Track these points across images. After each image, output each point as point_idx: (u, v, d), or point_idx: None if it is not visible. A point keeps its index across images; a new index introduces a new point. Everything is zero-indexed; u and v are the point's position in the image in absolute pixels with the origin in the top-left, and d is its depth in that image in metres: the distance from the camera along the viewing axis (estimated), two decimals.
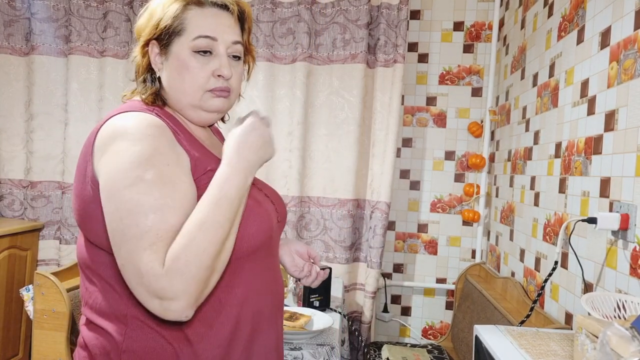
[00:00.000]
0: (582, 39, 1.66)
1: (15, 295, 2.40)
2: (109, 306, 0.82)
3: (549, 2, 2.00)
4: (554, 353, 1.08)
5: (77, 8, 2.61)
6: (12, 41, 2.64)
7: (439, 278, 2.88)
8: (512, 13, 2.55)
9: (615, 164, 1.39)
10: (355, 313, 2.64)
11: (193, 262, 0.72)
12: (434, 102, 2.86)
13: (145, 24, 0.92)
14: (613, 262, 1.37)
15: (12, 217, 2.66)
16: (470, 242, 2.85)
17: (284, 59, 2.60)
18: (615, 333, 0.83)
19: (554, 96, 1.88)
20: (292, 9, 2.58)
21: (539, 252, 1.94)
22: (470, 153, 2.83)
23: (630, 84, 1.33)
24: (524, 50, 2.29)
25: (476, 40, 2.82)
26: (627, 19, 1.37)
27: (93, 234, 0.83)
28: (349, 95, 2.55)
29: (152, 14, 0.91)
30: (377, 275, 2.55)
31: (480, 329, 1.24)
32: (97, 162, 0.80)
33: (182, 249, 0.72)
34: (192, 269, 0.72)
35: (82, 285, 0.89)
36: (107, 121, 0.83)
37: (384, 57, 2.54)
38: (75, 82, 2.61)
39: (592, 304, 1.13)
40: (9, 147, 2.65)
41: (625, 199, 1.33)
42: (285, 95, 2.59)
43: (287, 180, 2.59)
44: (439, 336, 2.88)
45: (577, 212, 1.61)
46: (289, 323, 1.59)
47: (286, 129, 2.59)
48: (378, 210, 2.54)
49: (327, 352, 1.50)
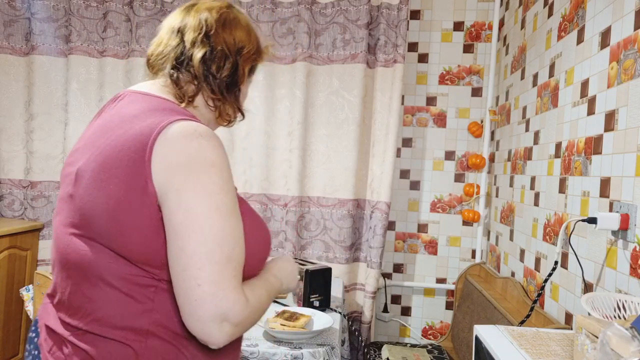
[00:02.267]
0: (582, 39, 1.66)
1: (15, 295, 2.40)
2: (128, 318, 0.80)
3: (549, 2, 2.00)
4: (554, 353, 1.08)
5: (77, 8, 2.61)
6: (12, 41, 2.64)
7: (439, 278, 2.88)
8: (512, 13, 2.55)
9: (615, 164, 1.39)
10: (355, 313, 2.64)
11: (255, 317, 0.84)
12: (434, 102, 2.86)
13: (246, 38, 1.00)
14: (613, 262, 1.37)
15: (12, 217, 2.66)
16: (470, 242, 2.85)
17: (284, 59, 2.60)
18: (615, 333, 0.83)
19: (554, 96, 1.88)
20: (292, 9, 2.58)
21: (539, 252, 1.94)
22: (470, 153, 2.83)
23: (630, 84, 1.33)
24: (524, 50, 2.29)
25: (476, 40, 2.82)
26: (627, 19, 1.37)
27: (126, 245, 0.79)
28: (349, 95, 2.55)
29: (250, 32, 1.02)
30: (377, 275, 2.55)
31: (480, 329, 1.24)
32: (163, 174, 0.78)
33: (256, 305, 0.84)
34: (253, 319, 0.84)
35: (80, 294, 0.82)
36: (164, 129, 0.80)
37: (384, 57, 2.54)
38: (75, 82, 2.62)
39: (592, 304, 1.13)
40: (9, 147, 2.65)
41: (625, 199, 1.33)
42: (285, 95, 2.59)
43: (287, 180, 2.59)
44: (439, 336, 2.88)
45: (577, 212, 1.61)
46: (289, 323, 1.59)
47: (286, 129, 2.59)
48: (378, 210, 2.54)
49: (327, 352, 1.50)
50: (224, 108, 0.98)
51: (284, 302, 1.94)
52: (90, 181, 0.81)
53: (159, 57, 0.96)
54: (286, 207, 2.58)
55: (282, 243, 2.61)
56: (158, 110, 0.85)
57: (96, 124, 0.90)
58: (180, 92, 0.93)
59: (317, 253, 2.61)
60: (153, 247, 0.79)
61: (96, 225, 0.80)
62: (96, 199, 0.80)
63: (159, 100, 0.89)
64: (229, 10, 0.99)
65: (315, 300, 1.88)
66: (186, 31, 0.94)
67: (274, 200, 2.62)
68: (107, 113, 0.91)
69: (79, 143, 0.92)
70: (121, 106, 0.89)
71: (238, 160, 2.63)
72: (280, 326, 1.57)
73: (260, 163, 2.61)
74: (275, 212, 2.63)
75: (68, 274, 0.84)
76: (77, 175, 0.83)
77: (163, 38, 0.97)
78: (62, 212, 0.87)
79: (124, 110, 0.87)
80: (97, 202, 0.79)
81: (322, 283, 1.89)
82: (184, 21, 0.96)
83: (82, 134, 0.95)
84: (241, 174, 2.63)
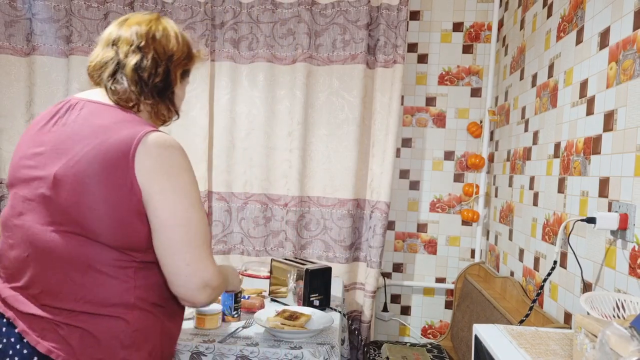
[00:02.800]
0: (581, 39, 1.67)
1: None
2: (116, 296, 0.97)
3: (548, 2, 2.00)
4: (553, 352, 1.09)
5: (78, 9, 2.61)
6: (13, 41, 2.64)
7: (439, 277, 2.89)
8: (512, 14, 2.56)
9: (614, 164, 1.40)
10: (355, 312, 2.65)
11: (222, 285, 1.12)
12: (433, 103, 2.87)
13: (176, 46, 1.11)
14: (612, 262, 1.38)
15: None
16: (469, 241, 2.86)
17: (284, 59, 2.61)
18: (615, 332, 0.84)
19: (553, 96, 1.89)
20: (292, 9, 2.58)
21: (538, 252, 1.95)
22: (470, 153, 2.84)
23: (630, 84, 1.34)
24: (523, 50, 2.29)
25: (475, 41, 2.83)
26: (626, 20, 1.38)
27: (115, 237, 0.95)
28: (348, 95, 2.56)
29: (179, 40, 1.12)
30: (376, 275, 2.56)
31: (479, 328, 1.25)
32: (146, 177, 0.95)
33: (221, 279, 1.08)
34: (223, 286, 1.12)
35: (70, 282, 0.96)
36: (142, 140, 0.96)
37: (384, 58, 2.55)
38: (76, 82, 2.62)
39: (591, 304, 1.14)
40: (10, 147, 2.65)
41: (624, 199, 1.34)
42: (285, 95, 2.60)
43: (287, 180, 2.59)
44: (438, 335, 2.89)
45: (576, 211, 1.62)
46: (289, 322, 1.59)
47: (286, 129, 2.59)
48: (378, 210, 2.54)
49: (327, 351, 1.51)
50: (158, 109, 1.10)
51: (284, 302, 1.95)
52: (75, 185, 0.94)
53: (96, 68, 1.07)
54: (286, 207, 2.58)
55: (282, 243, 2.62)
56: (127, 122, 0.99)
57: (60, 131, 1.00)
58: (122, 100, 1.04)
59: (317, 252, 2.62)
60: (138, 236, 0.97)
61: (84, 223, 0.94)
62: (82, 201, 0.94)
63: (122, 112, 1.02)
64: (158, 21, 1.11)
65: (315, 300, 1.89)
66: (120, 44, 1.06)
67: (274, 200, 2.63)
68: (71, 121, 1.00)
69: (37, 147, 1.01)
70: (85, 116, 1.00)
71: (238, 160, 2.63)
72: (281, 325, 1.58)
73: (260, 163, 2.62)
74: (276, 212, 2.63)
75: (52, 266, 0.96)
76: (56, 179, 0.95)
77: (99, 51, 1.09)
78: (35, 212, 0.98)
79: (93, 120, 0.99)
80: (84, 203, 0.94)
81: (322, 282, 1.90)
82: (117, 34, 1.08)
83: (32, 138, 1.04)
84: (241, 174, 2.63)
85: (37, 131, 1.04)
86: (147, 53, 1.06)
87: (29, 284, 0.98)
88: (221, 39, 2.62)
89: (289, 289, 2.05)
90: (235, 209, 2.65)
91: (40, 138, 1.02)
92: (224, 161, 2.62)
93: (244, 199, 2.64)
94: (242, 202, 2.64)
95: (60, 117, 1.02)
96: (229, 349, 1.48)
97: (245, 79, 2.63)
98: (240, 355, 1.48)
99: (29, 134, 1.06)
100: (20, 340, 0.96)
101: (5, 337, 0.97)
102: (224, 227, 2.65)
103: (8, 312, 0.99)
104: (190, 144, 2.58)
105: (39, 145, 1.01)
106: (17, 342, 0.96)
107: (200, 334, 1.57)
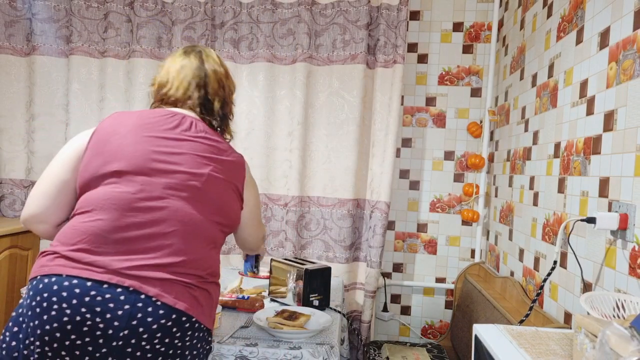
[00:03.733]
0: (581, 39, 1.67)
1: (16, 295, 2.41)
2: (218, 268, 1.27)
3: (548, 2, 2.00)
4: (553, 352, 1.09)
5: (78, 9, 2.61)
6: (13, 41, 2.64)
7: (439, 277, 2.89)
8: (512, 14, 2.56)
9: (614, 164, 1.40)
10: (355, 312, 2.64)
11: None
12: (433, 103, 2.87)
13: (233, 86, 1.47)
14: (612, 262, 1.38)
15: (14, 217, 2.67)
16: (469, 241, 2.86)
17: (284, 59, 2.61)
18: (615, 332, 0.84)
19: (553, 96, 1.89)
20: (292, 9, 2.58)
21: (538, 252, 1.95)
22: (470, 153, 2.84)
23: (629, 84, 1.34)
24: (523, 50, 2.29)
25: (475, 41, 2.83)
26: (626, 20, 1.38)
27: (230, 223, 1.31)
28: (349, 95, 2.56)
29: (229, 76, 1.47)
30: (376, 275, 2.56)
31: (479, 328, 1.25)
32: (245, 187, 1.37)
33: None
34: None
35: (206, 255, 1.23)
36: (244, 161, 1.38)
37: (384, 58, 2.55)
38: (76, 82, 2.62)
39: (591, 304, 1.14)
40: (10, 147, 2.66)
41: (624, 199, 1.34)
42: (285, 95, 2.60)
43: (287, 180, 2.59)
44: (438, 335, 2.89)
45: (576, 211, 1.62)
46: (289, 322, 1.59)
47: (286, 129, 2.59)
48: (378, 210, 2.54)
49: (326, 351, 1.51)
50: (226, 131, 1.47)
51: (284, 302, 1.94)
52: (220, 184, 1.27)
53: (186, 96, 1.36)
54: (286, 207, 2.58)
55: (282, 243, 2.62)
56: (229, 147, 1.35)
57: (189, 145, 1.26)
58: (216, 126, 1.42)
59: (317, 252, 2.62)
60: (238, 222, 1.37)
61: (222, 213, 1.27)
62: (222, 196, 1.27)
63: (220, 139, 1.35)
64: (224, 65, 1.46)
65: (314, 300, 1.89)
66: (209, 83, 1.38)
67: (274, 200, 2.63)
68: (192, 137, 1.27)
69: (171, 148, 1.23)
70: (201, 134, 1.29)
71: None
72: (280, 325, 1.58)
73: (260, 163, 2.62)
74: (276, 212, 2.63)
75: (197, 242, 1.21)
76: (210, 177, 1.25)
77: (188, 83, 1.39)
78: (183, 199, 1.20)
79: (212, 140, 1.30)
80: (222, 198, 1.27)
81: (321, 282, 1.90)
82: (203, 70, 1.38)
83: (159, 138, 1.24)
84: None
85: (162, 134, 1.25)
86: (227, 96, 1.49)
87: (166, 254, 1.15)
88: (221, 39, 2.62)
89: (288, 289, 2.05)
90: None
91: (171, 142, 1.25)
92: None
93: None
94: None
95: (186, 130, 1.28)
96: (228, 349, 1.48)
97: (245, 79, 2.63)
98: (240, 355, 1.48)
99: (147, 133, 1.24)
100: (153, 303, 1.09)
101: (129, 304, 1.08)
102: None
103: (127, 281, 1.09)
104: None
105: (167, 147, 1.23)
106: (150, 305, 1.09)
107: None
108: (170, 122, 1.27)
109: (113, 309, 1.07)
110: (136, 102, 2.61)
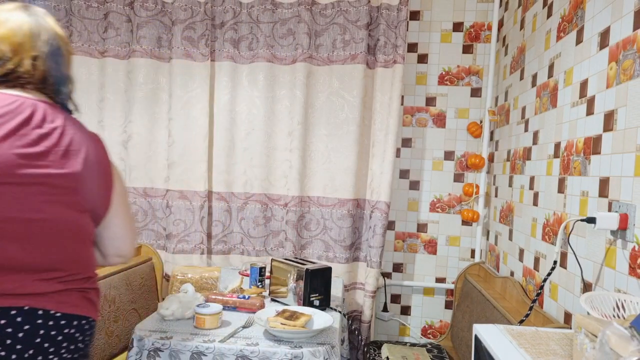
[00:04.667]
0: (581, 39, 1.67)
1: None
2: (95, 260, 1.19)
3: (548, 2, 2.01)
4: (553, 352, 1.09)
5: (77, 9, 2.61)
6: None
7: (439, 277, 2.89)
8: (512, 14, 2.56)
9: (614, 164, 1.40)
10: (355, 312, 2.65)
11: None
12: (433, 103, 2.87)
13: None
14: (612, 262, 1.38)
15: None
16: (469, 241, 2.86)
17: (284, 59, 2.61)
18: (615, 332, 0.84)
19: (553, 96, 1.89)
20: (292, 9, 2.58)
21: (538, 252, 1.95)
22: (470, 153, 2.84)
23: (629, 84, 1.34)
24: (523, 50, 2.29)
25: (475, 41, 2.83)
26: (626, 20, 1.38)
27: (101, 212, 1.17)
28: (348, 95, 2.56)
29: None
30: (376, 275, 2.56)
31: (479, 328, 1.25)
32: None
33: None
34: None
35: (86, 254, 1.13)
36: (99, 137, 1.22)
37: (384, 58, 2.55)
38: (76, 82, 2.62)
39: (591, 304, 1.14)
40: None
41: (624, 199, 1.34)
42: (285, 95, 2.60)
43: (287, 180, 2.59)
44: (438, 335, 2.89)
45: (576, 211, 1.62)
46: (289, 322, 1.59)
47: (286, 129, 2.60)
48: (378, 210, 2.55)
49: (327, 351, 1.51)
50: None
51: (285, 302, 1.95)
52: (100, 176, 1.15)
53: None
54: (286, 207, 2.59)
55: (282, 243, 2.62)
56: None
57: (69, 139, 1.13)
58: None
59: (317, 252, 2.62)
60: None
61: (103, 204, 1.16)
62: (104, 189, 1.16)
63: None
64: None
65: (315, 300, 1.89)
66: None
67: (274, 200, 2.63)
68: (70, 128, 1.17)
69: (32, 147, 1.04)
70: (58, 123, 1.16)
71: (238, 160, 2.63)
72: (281, 325, 1.58)
73: (260, 163, 2.62)
74: (276, 212, 2.63)
75: (76, 244, 1.10)
76: (82, 174, 1.10)
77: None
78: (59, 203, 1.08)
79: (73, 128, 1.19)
80: (103, 192, 1.16)
81: (322, 282, 1.90)
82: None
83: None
84: (242, 174, 2.63)
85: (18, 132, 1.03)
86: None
87: (51, 266, 1.06)
88: (221, 39, 2.62)
89: (289, 289, 2.05)
90: (236, 209, 2.65)
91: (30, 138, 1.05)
92: (224, 161, 2.62)
93: (244, 199, 2.64)
94: (242, 202, 2.64)
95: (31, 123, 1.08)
96: (229, 348, 1.48)
97: (245, 79, 2.63)
98: (241, 355, 1.48)
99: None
100: (52, 316, 1.04)
101: (28, 323, 1.01)
102: (224, 227, 2.65)
103: (21, 301, 1.01)
104: (190, 144, 2.58)
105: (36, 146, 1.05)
106: (49, 319, 1.03)
107: (200, 334, 1.57)
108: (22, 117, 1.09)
109: (12, 333, 1.00)
110: (136, 102, 2.61)
